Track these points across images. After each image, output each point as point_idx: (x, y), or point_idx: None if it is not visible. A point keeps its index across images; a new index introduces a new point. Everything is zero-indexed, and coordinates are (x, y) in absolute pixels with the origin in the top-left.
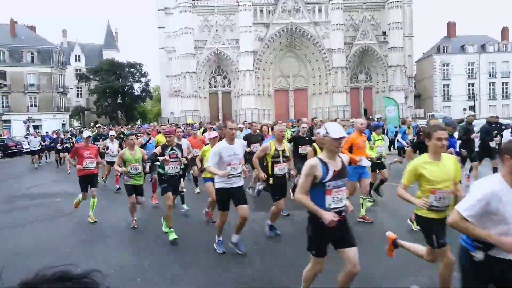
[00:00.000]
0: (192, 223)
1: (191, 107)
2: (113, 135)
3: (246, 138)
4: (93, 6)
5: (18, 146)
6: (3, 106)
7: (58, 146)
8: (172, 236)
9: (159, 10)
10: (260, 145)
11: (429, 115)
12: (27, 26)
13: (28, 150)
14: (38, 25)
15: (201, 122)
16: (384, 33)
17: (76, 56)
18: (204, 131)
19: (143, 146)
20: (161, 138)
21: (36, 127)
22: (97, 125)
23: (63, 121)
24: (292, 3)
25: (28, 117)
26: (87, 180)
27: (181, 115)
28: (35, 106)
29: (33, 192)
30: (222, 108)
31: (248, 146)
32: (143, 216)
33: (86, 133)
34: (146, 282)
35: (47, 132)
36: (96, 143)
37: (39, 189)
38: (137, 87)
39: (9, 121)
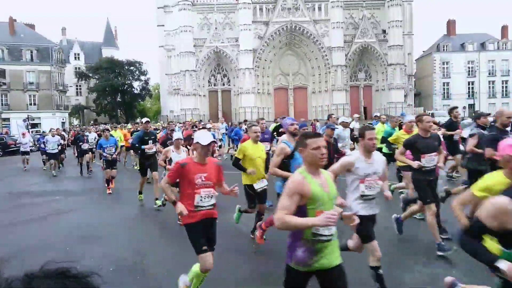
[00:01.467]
0: None
1: (190, 105)
2: (180, 140)
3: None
4: (93, 4)
5: (17, 144)
6: (2, 104)
7: (83, 146)
8: None
9: (158, 8)
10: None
11: (429, 114)
12: (26, 24)
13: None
14: (37, 23)
15: (201, 120)
16: (384, 31)
17: (75, 54)
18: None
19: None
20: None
21: (35, 125)
22: (143, 120)
23: (63, 119)
24: (291, 1)
25: (28, 115)
26: (204, 230)
27: (181, 113)
28: (34, 104)
29: (32, 190)
30: (221, 106)
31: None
32: (142, 213)
33: (205, 138)
34: (145, 279)
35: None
36: (142, 146)
37: (38, 187)
38: (136, 85)
39: (8, 119)
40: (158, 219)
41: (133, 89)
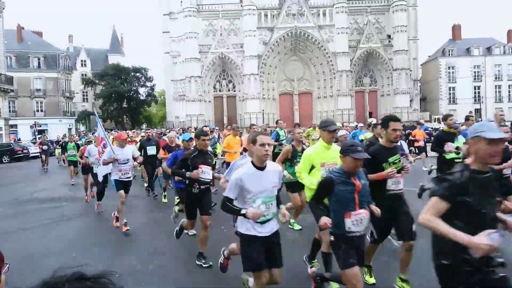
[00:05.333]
0: (196, 230)
1: (196, 111)
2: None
3: None
4: (99, 11)
5: (24, 151)
6: (10, 111)
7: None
8: None
9: (164, 15)
10: None
11: (435, 119)
12: (34, 32)
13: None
14: (45, 30)
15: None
16: (389, 36)
17: (82, 61)
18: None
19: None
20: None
21: (42, 131)
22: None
23: (69, 125)
24: (296, 7)
25: (35, 121)
26: None
27: (186, 119)
28: (41, 110)
29: (39, 196)
30: (227, 112)
31: None
32: (148, 220)
33: None
34: (151, 286)
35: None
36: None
37: (45, 194)
38: (142, 91)
39: (15, 125)
40: (165, 225)
41: (138, 95)
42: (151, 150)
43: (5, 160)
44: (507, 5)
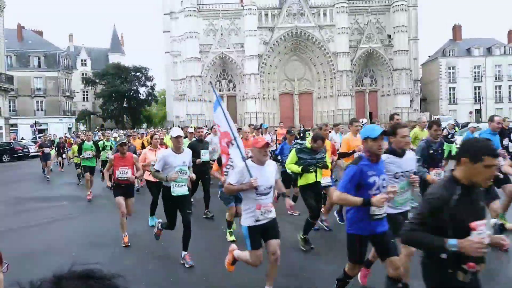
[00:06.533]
0: (195, 229)
1: (196, 110)
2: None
3: None
4: (100, 11)
5: (24, 150)
6: (10, 110)
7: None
8: None
9: (164, 14)
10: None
11: (435, 119)
12: (34, 31)
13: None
14: (45, 29)
15: (206, 126)
16: (389, 36)
17: (82, 60)
18: None
19: None
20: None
21: (42, 131)
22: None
23: (69, 125)
24: (297, 7)
25: (35, 121)
26: None
27: (187, 119)
28: (41, 110)
29: (39, 195)
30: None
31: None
32: (147, 221)
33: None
34: (151, 286)
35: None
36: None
37: (45, 193)
38: (142, 91)
39: (16, 125)
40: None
41: (139, 94)
42: (205, 155)
43: (5, 159)
44: (508, 5)
